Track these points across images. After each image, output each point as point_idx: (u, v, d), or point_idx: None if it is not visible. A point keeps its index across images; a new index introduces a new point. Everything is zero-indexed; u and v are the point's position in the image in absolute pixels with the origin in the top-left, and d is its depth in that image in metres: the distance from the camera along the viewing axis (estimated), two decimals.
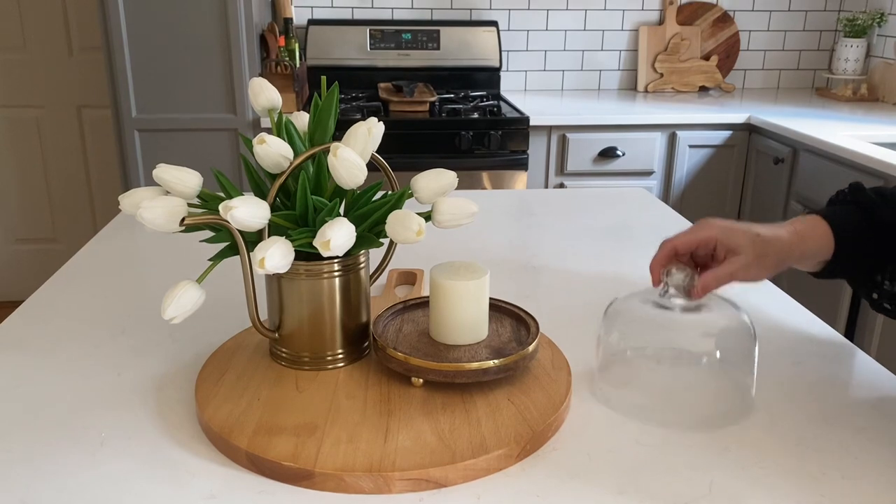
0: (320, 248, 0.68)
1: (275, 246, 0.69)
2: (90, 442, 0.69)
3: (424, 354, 0.75)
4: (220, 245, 0.78)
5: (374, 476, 0.62)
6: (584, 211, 1.45)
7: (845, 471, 0.66)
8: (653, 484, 0.64)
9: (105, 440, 0.70)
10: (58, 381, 0.80)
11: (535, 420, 0.70)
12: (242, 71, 2.37)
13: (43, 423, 0.72)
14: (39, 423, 0.72)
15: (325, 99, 0.77)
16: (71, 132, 3.03)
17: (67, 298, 1.02)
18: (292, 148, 0.75)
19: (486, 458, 0.65)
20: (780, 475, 0.65)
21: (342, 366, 0.79)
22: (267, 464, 0.64)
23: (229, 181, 0.78)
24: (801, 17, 3.08)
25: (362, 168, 0.71)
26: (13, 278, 3.17)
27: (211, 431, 0.69)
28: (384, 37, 2.83)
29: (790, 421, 0.74)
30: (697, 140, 2.57)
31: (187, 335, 0.90)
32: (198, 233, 0.76)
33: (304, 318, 0.78)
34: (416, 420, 0.70)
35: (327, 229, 0.68)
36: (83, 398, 0.77)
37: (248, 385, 0.76)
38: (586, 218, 1.40)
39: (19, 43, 2.91)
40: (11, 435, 0.70)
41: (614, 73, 3.08)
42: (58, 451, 0.68)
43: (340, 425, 0.69)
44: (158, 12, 2.30)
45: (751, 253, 0.76)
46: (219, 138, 2.44)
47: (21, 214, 3.11)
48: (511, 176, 2.48)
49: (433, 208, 0.75)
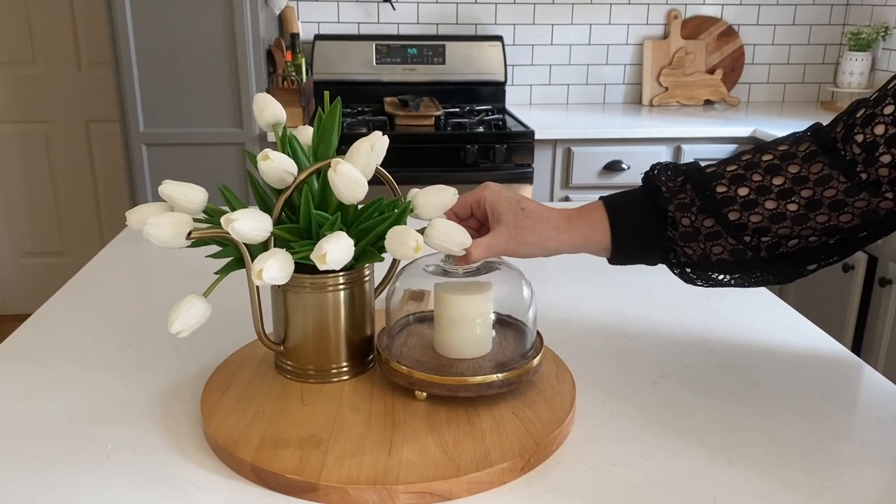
0: (317, 261, 0.68)
1: (273, 258, 0.69)
2: (96, 454, 0.70)
3: (428, 368, 0.75)
4: (225, 259, 0.78)
5: (379, 489, 0.62)
6: None
7: (850, 485, 0.66)
8: (656, 498, 0.64)
9: (111, 453, 0.70)
10: (64, 393, 0.81)
11: (539, 433, 0.70)
12: (249, 86, 2.39)
13: (49, 435, 0.73)
14: (45, 436, 0.73)
15: (328, 114, 0.77)
16: (79, 146, 3.05)
17: (74, 311, 1.03)
18: (296, 162, 0.75)
19: (489, 471, 0.65)
20: (785, 489, 0.65)
21: (346, 379, 0.79)
22: (272, 476, 0.64)
23: (234, 196, 0.78)
24: (806, 31, 3.09)
25: (362, 183, 0.71)
26: (21, 291, 3.18)
27: (216, 444, 0.69)
28: (390, 51, 2.85)
29: (795, 435, 0.74)
30: (703, 153, 2.58)
31: (193, 349, 0.90)
32: (204, 248, 0.77)
33: (309, 331, 0.78)
34: (421, 433, 0.70)
35: (324, 243, 0.69)
36: (89, 411, 0.77)
37: (253, 398, 0.76)
38: None
39: (29, 58, 2.94)
40: (17, 447, 0.71)
41: (619, 86, 3.09)
42: (63, 463, 0.68)
43: (345, 438, 0.69)
44: (167, 28, 2.33)
45: (511, 224, 0.74)
46: (226, 152, 2.45)
47: (29, 228, 3.12)
48: (516, 189, 2.48)
49: (430, 225, 0.75)
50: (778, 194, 0.70)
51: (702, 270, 0.76)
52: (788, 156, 0.71)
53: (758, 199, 0.71)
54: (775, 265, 0.74)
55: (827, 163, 0.69)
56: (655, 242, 0.75)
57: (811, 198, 0.69)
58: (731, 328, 0.98)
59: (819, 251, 0.74)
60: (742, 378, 0.85)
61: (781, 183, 0.70)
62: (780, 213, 0.70)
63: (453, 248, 0.74)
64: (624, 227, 0.75)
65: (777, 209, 0.70)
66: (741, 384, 0.84)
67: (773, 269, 0.75)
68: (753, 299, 1.08)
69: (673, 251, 0.75)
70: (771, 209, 0.70)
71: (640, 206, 0.76)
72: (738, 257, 0.74)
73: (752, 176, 0.71)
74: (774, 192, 0.70)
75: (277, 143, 0.79)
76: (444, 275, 0.77)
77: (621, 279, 1.15)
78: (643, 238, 0.76)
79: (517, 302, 0.81)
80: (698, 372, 0.86)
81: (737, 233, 0.72)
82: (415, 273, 0.80)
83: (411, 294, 0.99)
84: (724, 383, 0.84)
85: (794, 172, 0.70)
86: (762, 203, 0.71)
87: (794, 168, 0.70)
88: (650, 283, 1.13)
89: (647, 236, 0.75)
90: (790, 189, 0.70)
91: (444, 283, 0.78)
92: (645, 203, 0.76)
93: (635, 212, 0.76)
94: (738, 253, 0.73)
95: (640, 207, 0.76)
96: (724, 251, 0.74)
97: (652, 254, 0.77)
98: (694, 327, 0.98)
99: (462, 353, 0.77)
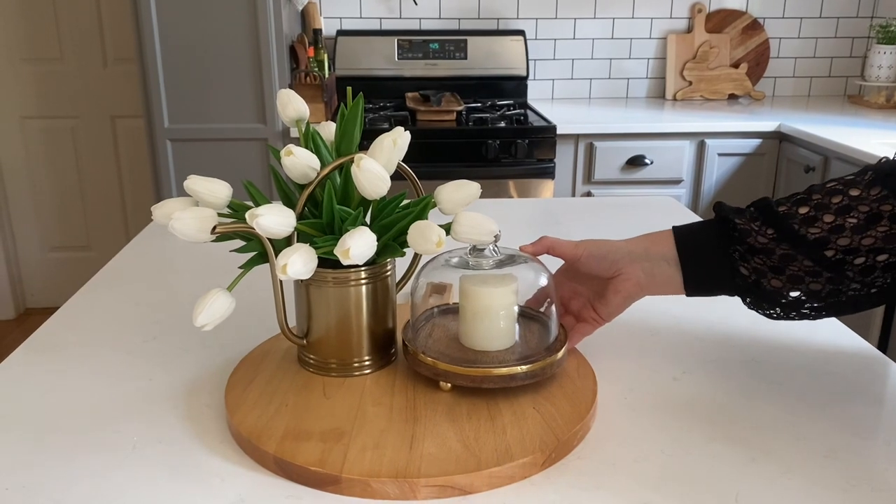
0: (340, 256, 0.69)
1: (297, 253, 0.70)
2: (122, 447, 0.71)
3: (452, 359, 0.75)
4: (249, 254, 0.79)
5: (400, 482, 0.63)
6: (612, 220, 1.45)
7: (874, 483, 0.65)
8: (678, 495, 0.64)
9: (136, 444, 0.71)
10: (90, 386, 0.82)
11: (560, 429, 0.70)
12: (273, 81, 2.40)
13: (75, 427, 0.74)
14: (71, 428, 0.74)
15: (350, 110, 0.78)
16: (105, 142, 3.09)
17: (101, 305, 1.04)
18: (319, 158, 0.76)
19: (511, 465, 0.65)
20: (808, 487, 0.65)
21: (368, 373, 0.80)
22: (294, 469, 0.65)
23: (259, 191, 0.79)
24: (833, 24, 3.05)
25: (385, 179, 0.72)
26: (47, 285, 3.23)
27: (240, 436, 0.70)
28: (412, 47, 2.85)
29: (818, 432, 0.73)
30: (727, 148, 2.55)
31: (217, 342, 0.91)
32: (228, 243, 0.77)
33: (332, 325, 0.78)
34: (442, 427, 0.70)
35: (347, 238, 0.69)
36: (115, 403, 0.79)
37: (276, 391, 0.77)
38: (614, 227, 1.40)
39: (56, 54, 2.98)
40: (43, 439, 0.72)
41: (642, 81, 3.07)
42: (89, 455, 0.69)
43: (367, 431, 0.69)
44: (191, 24, 2.35)
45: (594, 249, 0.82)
46: (249, 148, 2.47)
47: (56, 222, 3.17)
48: (538, 184, 2.48)
49: (455, 220, 0.76)
50: (852, 230, 0.72)
51: (774, 297, 0.76)
52: (860, 199, 0.72)
53: (829, 237, 0.72)
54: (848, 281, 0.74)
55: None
56: (722, 256, 0.77)
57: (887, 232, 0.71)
58: (754, 324, 0.97)
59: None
60: (765, 375, 0.85)
61: (855, 222, 0.72)
62: (855, 246, 0.72)
63: (484, 238, 0.75)
64: (691, 245, 0.79)
65: (851, 244, 0.72)
66: (764, 381, 0.83)
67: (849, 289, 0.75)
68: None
69: (743, 267, 0.76)
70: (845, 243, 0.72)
71: (705, 226, 0.80)
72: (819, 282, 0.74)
73: (823, 217, 0.73)
74: (848, 230, 0.72)
75: (300, 138, 0.79)
76: (467, 268, 0.78)
77: None
78: (709, 251, 0.78)
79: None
80: (721, 368, 0.86)
81: (815, 251, 0.73)
82: (438, 267, 0.80)
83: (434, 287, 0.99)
84: (746, 380, 0.83)
85: (865, 212, 0.72)
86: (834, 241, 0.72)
87: (865, 208, 0.72)
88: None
89: (713, 249, 0.78)
90: (864, 226, 0.71)
91: (470, 276, 0.78)
92: (711, 224, 0.80)
93: (702, 231, 0.80)
94: (815, 275, 0.74)
95: (706, 228, 0.80)
96: (799, 270, 0.74)
97: (720, 272, 0.78)
98: (717, 323, 0.97)
99: (487, 345, 0.78)
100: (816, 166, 2.36)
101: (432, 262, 0.81)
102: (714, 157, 2.56)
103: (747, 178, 2.59)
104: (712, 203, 2.68)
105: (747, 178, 2.59)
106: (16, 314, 3.20)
